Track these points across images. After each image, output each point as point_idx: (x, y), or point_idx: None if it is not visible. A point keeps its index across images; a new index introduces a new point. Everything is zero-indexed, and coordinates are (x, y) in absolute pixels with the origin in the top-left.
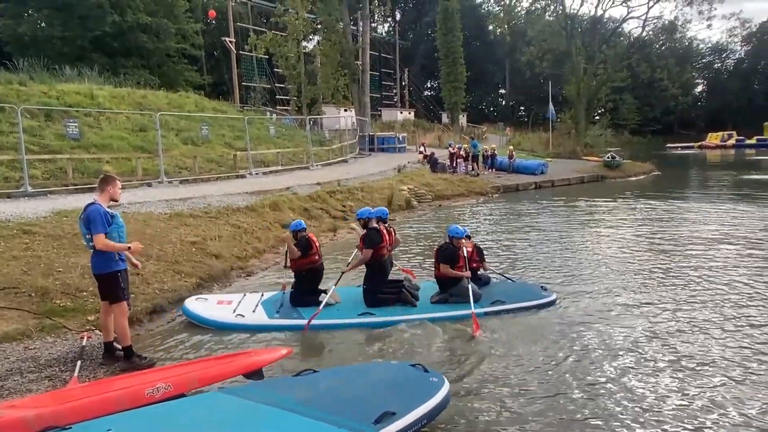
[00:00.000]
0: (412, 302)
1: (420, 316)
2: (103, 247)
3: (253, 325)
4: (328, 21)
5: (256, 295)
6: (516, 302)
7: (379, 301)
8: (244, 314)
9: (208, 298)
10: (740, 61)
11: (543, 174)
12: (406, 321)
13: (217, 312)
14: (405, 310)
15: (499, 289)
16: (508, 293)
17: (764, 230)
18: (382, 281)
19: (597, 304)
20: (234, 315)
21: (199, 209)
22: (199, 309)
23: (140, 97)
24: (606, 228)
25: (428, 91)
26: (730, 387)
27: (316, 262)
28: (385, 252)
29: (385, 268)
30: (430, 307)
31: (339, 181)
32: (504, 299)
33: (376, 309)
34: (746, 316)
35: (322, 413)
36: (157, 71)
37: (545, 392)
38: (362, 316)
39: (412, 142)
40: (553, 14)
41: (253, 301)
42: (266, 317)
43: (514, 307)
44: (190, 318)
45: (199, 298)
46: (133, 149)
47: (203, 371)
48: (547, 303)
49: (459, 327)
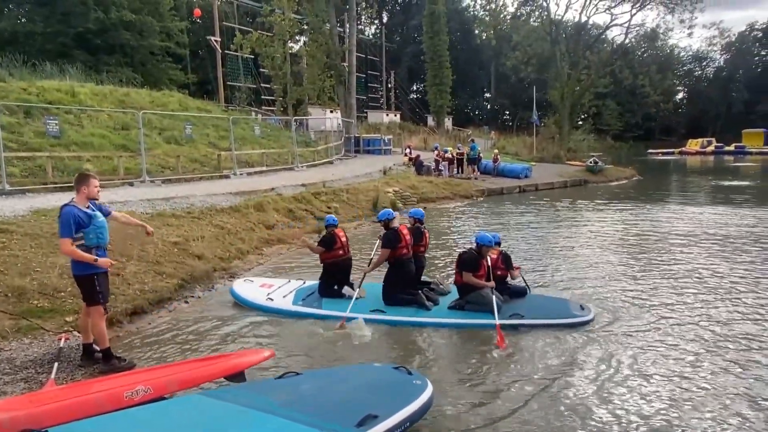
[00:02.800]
0: (426, 305)
1: (430, 320)
2: (67, 253)
3: (276, 309)
4: (314, 22)
5: (298, 282)
6: (538, 318)
7: (394, 300)
8: (274, 299)
9: (254, 280)
10: (719, 70)
11: (527, 178)
12: (415, 323)
13: (253, 293)
14: (417, 312)
15: (528, 302)
16: (535, 307)
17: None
18: (400, 281)
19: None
20: (265, 298)
21: (182, 209)
22: (239, 289)
23: (123, 95)
24: (593, 230)
25: (414, 94)
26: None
27: (340, 256)
28: (405, 252)
29: (406, 268)
30: (444, 312)
31: (324, 183)
32: (524, 313)
33: (390, 308)
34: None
35: (304, 416)
36: (140, 69)
37: (534, 407)
38: (372, 313)
39: (397, 144)
40: (538, 20)
41: (290, 287)
42: (290, 304)
43: (533, 322)
44: (232, 296)
45: (246, 280)
46: (114, 148)
47: (184, 374)
48: (578, 323)
49: (465, 335)
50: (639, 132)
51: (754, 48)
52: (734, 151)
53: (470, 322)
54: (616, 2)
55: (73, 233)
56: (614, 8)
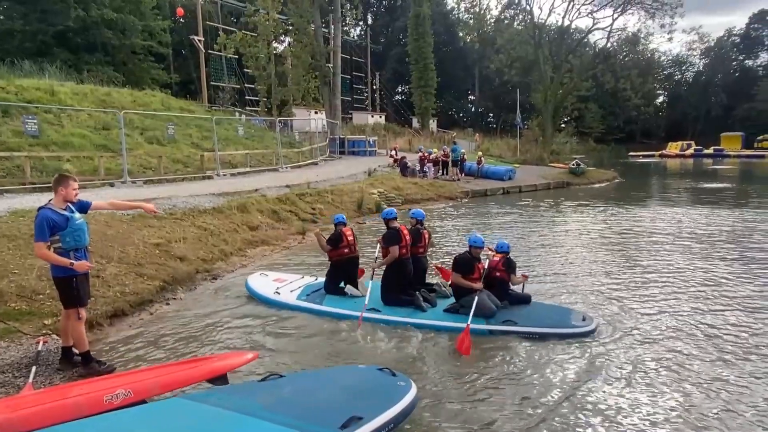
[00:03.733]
0: (422, 307)
1: (424, 321)
2: (42, 257)
3: (281, 303)
4: (299, 22)
5: (310, 279)
6: (532, 326)
7: (391, 300)
8: (281, 293)
9: (269, 274)
10: (699, 74)
11: (511, 180)
12: (409, 323)
13: (264, 287)
14: (413, 313)
15: (527, 310)
16: (532, 315)
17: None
18: (398, 281)
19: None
20: (273, 292)
21: (164, 210)
22: (253, 281)
23: (104, 95)
24: (577, 231)
25: (399, 96)
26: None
27: (345, 254)
28: (404, 252)
29: (404, 268)
30: (439, 314)
31: (309, 184)
32: (518, 320)
33: (386, 307)
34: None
35: (287, 419)
36: (122, 68)
37: (516, 412)
38: (368, 311)
39: (382, 145)
40: (522, 23)
41: (301, 283)
42: (295, 299)
43: (524, 330)
44: (246, 288)
45: (262, 273)
46: (95, 148)
47: (165, 377)
48: (575, 334)
49: (452, 338)
50: (620, 135)
51: (732, 53)
52: (713, 154)
53: (462, 326)
54: (598, 6)
55: (48, 237)
56: (596, 12)
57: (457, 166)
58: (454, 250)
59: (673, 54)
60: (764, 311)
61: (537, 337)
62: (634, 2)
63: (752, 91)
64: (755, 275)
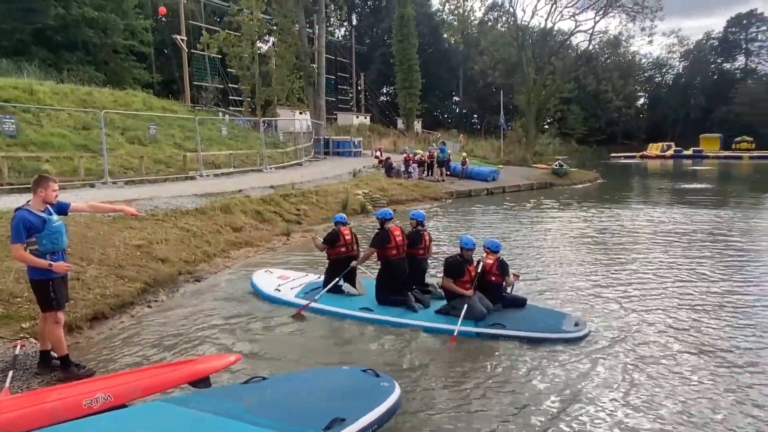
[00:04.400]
0: (413, 308)
1: (415, 322)
2: (19, 259)
3: (280, 300)
4: (283, 22)
5: (314, 277)
6: (520, 330)
7: (384, 300)
8: (281, 290)
9: (273, 271)
10: (678, 76)
11: (495, 180)
12: (399, 324)
13: (266, 283)
14: (404, 313)
15: (520, 313)
16: (523, 319)
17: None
18: (390, 281)
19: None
20: (274, 289)
21: (145, 211)
22: (257, 277)
23: (84, 94)
24: (561, 231)
25: (384, 97)
26: None
27: (343, 253)
28: (395, 253)
29: (396, 269)
30: (431, 316)
31: (293, 184)
32: (507, 324)
33: (379, 307)
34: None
35: (270, 421)
36: (103, 68)
37: (498, 414)
38: (361, 311)
39: (367, 146)
40: (505, 25)
41: (303, 281)
42: (292, 295)
43: (513, 334)
44: (251, 284)
45: (267, 270)
46: (75, 148)
47: (146, 380)
48: (565, 339)
49: (444, 340)
50: (602, 136)
51: (711, 56)
52: (692, 155)
53: (450, 328)
54: (581, 9)
55: (25, 238)
56: (578, 15)
57: (443, 166)
58: (439, 249)
59: (654, 57)
60: (752, 309)
61: (526, 341)
62: (616, 5)
63: (730, 94)
64: (740, 274)
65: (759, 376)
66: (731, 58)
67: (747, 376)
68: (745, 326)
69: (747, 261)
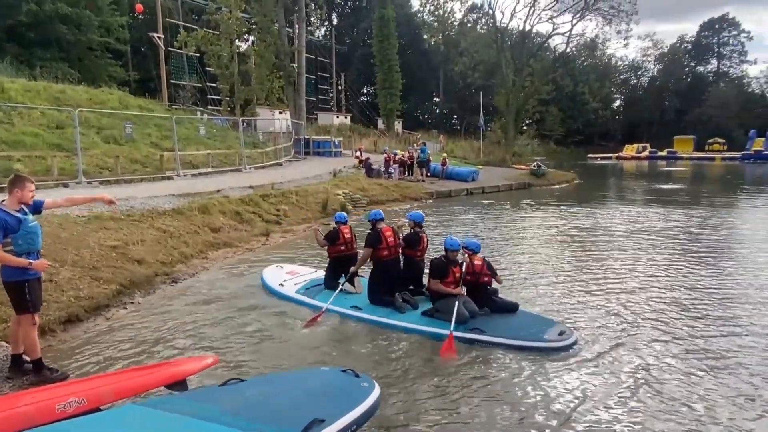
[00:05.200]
0: (400, 308)
1: (399, 323)
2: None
3: (282, 294)
4: (263, 21)
5: (322, 273)
6: (500, 336)
7: (375, 300)
8: (285, 285)
9: (284, 266)
10: (653, 79)
11: (474, 181)
12: (385, 324)
13: (273, 278)
14: (391, 314)
15: (504, 319)
16: (505, 324)
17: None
18: (381, 282)
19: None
20: (278, 284)
21: (121, 212)
22: (266, 272)
23: (58, 92)
24: (540, 231)
25: (365, 97)
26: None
27: (342, 252)
28: (386, 254)
29: (387, 270)
30: (417, 317)
31: (273, 185)
32: (487, 329)
33: (368, 306)
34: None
35: (248, 423)
36: (77, 65)
37: (476, 417)
38: (351, 309)
39: (347, 146)
40: (485, 27)
41: (308, 277)
42: (294, 292)
43: (491, 340)
44: (261, 279)
45: (278, 266)
46: (48, 147)
47: (120, 383)
48: (546, 348)
49: (428, 342)
50: (579, 137)
51: (684, 59)
52: (667, 156)
53: (432, 330)
54: (558, 12)
55: (2, 239)
56: (556, 18)
57: (423, 167)
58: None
59: (629, 59)
60: (732, 306)
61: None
62: (592, 8)
63: (703, 97)
64: (713, 268)
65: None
66: (704, 62)
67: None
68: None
69: (721, 257)
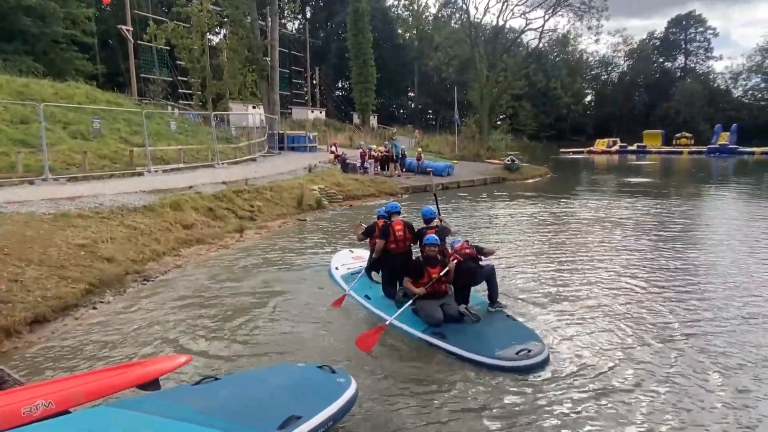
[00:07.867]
0: (399, 303)
1: (388, 318)
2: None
3: (330, 275)
4: (234, 14)
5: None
6: (456, 346)
7: (386, 291)
8: (339, 269)
9: (354, 251)
10: (623, 74)
11: (449, 175)
12: (379, 317)
13: (336, 260)
14: (389, 308)
15: (467, 326)
16: (467, 333)
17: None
18: (389, 275)
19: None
20: (334, 267)
21: (90, 209)
22: (335, 255)
23: (22, 86)
24: (515, 225)
25: (339, 91)
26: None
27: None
28: (393, 247)
29: (393, 263)
30: (406, 315)
31: (246, 180)
32: (449, 336)
33: (379, 297)
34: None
35: (223, 422)
36: (42, 58)
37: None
38: (363, 298)
39: (323, 141)
40: (459, 22)
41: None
42: (339, 277)
43: (448, 348)
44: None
45: (350, 250)
46: (12, 143)
47: (90, 384)
48: (495, 366)
49: (409, 340)
50: (552, 132)
51: (653, 55)
52: (636, 150)
53: (411, 331)
54: (531, 8)
55: None
56: (529, 13)
57: (398, 162)
58: None
59: (600, 55)
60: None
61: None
62: (564, 4)
63: (671, 92)
64: (683, 257)
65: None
66: (672, 58)
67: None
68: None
69: (690, 248)
